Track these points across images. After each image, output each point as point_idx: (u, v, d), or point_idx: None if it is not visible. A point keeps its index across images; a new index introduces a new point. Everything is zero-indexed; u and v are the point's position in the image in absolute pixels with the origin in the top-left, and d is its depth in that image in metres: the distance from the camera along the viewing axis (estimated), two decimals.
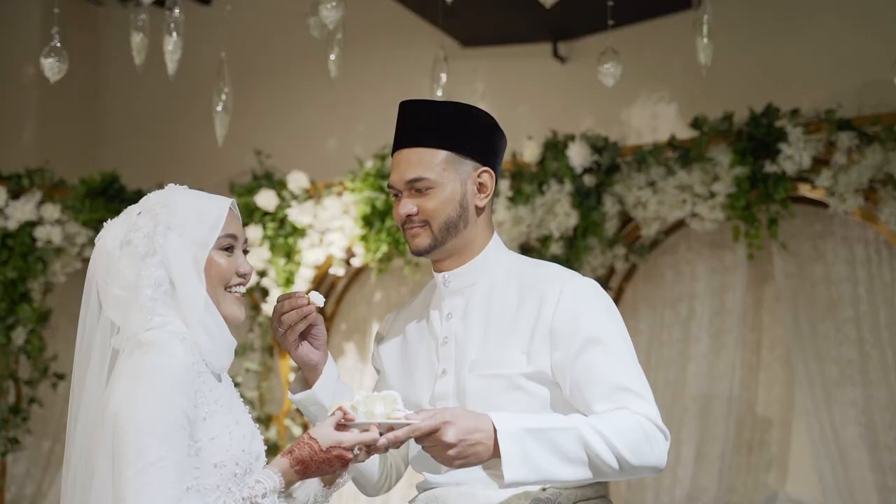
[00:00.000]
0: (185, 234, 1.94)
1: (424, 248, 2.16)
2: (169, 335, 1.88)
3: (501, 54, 5.65)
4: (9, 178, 5.15)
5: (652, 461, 2.03)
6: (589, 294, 2.14)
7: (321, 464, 1.87)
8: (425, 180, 2.13)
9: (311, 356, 2.14)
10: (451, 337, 2.17)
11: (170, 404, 1.80)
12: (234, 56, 6.10)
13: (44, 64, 3.31)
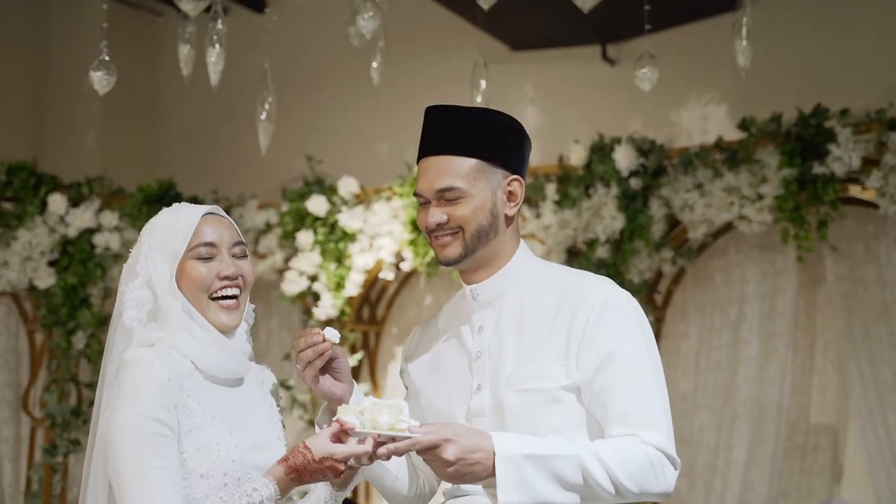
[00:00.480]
0: (163, 251, 2.02)
1: (455, 257, 2.12)
2: (149, 351, 1.96)
3: (550, 57, 5.66)
4: (69, 186, 5.29)
5: (657, 489, 2.01)
6: (620, 307, 2.08)
7: (314, 472, 1.90)
8: (456, 190, 2.09)
9: (334, 390, 2.10)
10: (484, 351, 2.13)
11: (147, 417, 1.88)
12: (287, 63, 6.22)
13: (92, 77, 3.41)
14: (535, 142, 5.96)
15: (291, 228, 5.26)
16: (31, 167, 5.21)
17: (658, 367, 2.09)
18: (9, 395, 5.39)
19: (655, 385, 2.05)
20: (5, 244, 5.10)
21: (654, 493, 2.02)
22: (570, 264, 4.72)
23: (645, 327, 2.11)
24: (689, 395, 4.80)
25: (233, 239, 2.07)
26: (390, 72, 5.85)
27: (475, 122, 2.12)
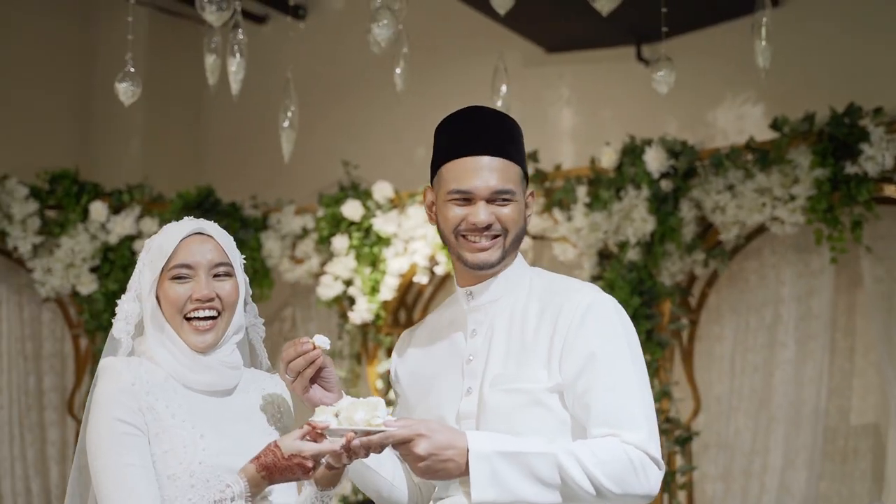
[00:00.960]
0: (152, 268, 2.12)
1: (494, 261, 2.13)
2: (117, 360, 2.08)
3: (586, 59, 5.64)
4: (111, 194, 5.40)
5: (639, 490, 2.01)
6: (604, 312, 2.10)
7: (284, 470, 1.96)
8: (511, 193, 2.13)
9: (324, 399, 2.11)
10: (476, 354, 2.16)
11: (112, 420, 2.00)
12: (324, 68, 6.29)
13: (118, 88, 3.48)
14: (570, 144, 5.97)
15: (327, 233, 5.31)
16: (74, 175, 5.33)
17: (641, 370, 2.10)
18: (55, 398, 5.52)
19: (638, 387, 2.06)
20: (49, 251, 5.22)
21: (637, 495, 2.01)
22: (601, 267, 4.71)
23: (629, 331, 2.13)
24: (725, 399, 4.75)
25: (214, 260, 2.11)
26: (425, 76, 5.90)
27: (516, 132, 2.20)
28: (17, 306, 5.39)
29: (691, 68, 5.28)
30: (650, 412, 2.06)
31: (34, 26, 6.25)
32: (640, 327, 4.53)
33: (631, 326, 2.14)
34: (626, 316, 2.16)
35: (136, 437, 1.99)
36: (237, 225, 5.50)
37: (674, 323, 4.59)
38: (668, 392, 4.54)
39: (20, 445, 5.36)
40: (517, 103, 5.80)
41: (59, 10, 6.40)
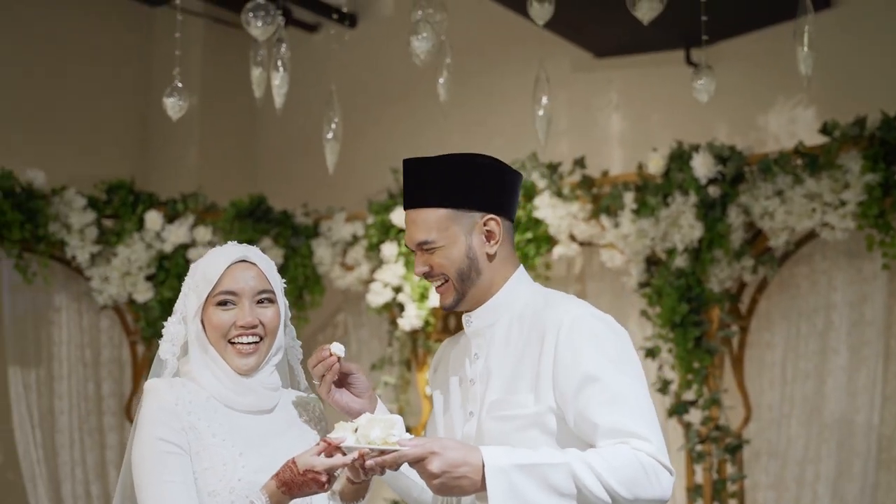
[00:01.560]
0: (197, 293, 2.20)
1: (451, 304, 2.22)
2: (160, 381, 2.15)
3: (635, 63, 5.61)
4: (165, 203, 5.51)
5: (651, 494, 2.02)
6: (591, 328, 2.12)
7: (301, 485, 2.02)
8: (429, 242, 2.18)
9: (352, 405, 2.23)
10: (477, 379, 2.21)
11: (155, 439, 2.07)
12: (374, 76, 6.34)
13: (166, 103, 3.55)
14: (619, 149, 5.95)
15: (376, 240, 5.35)
16: (130, 186, 5.44)
17: (638, 380, 2.11)
18: (113, 404, 5.64)
19: (636, 397, 2.08)
20: (106, 260, 5.34)
21: (650, 499, 2.03)
22: (648, 273, 4.69)
23: (618, 342, 2.13)
24: (776, 406, 4.70)
25: (257, 288, 2.19)
26: (472, 83, 5.93)
27: (442, 171, 2.20)
28: (77, 314, 5.52)
29: (742, 72, 5.23)
30: (652, 419, 2.08)
31: (94, 40, 6.40)
32: (688, 334, 4.50)
33: (622, 338, 2.15)
34: (615, 327, 2.16)
35: (178, 456, 2.07)
36: (289, 233, 5.57)
37: (723, 330, 4.55)
38: (718, 399, 4.50)
39: (80, 450, 5.48)
40: (565, 109, 5.82)
41: (117, 22, 6.54)
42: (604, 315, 2.18)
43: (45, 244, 5.17)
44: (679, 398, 4.57)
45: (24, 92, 6.00)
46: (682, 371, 4.53)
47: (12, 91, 5.95)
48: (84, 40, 6.34)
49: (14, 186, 5.09)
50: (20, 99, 5.97)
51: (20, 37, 6.02)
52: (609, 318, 2.18)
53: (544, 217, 4.89)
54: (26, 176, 5.17)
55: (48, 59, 6.14)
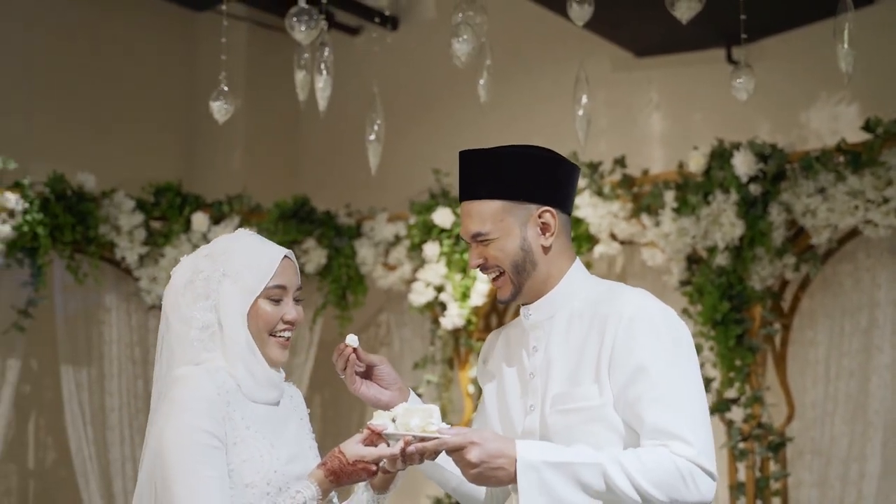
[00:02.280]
0: (238, 282, 2.14)
1: (508, 297, 2.23)
2: (198, 369, 2.10)
3: (675, 62, 5.61)
4: (211, 205, 5.61)
5: (688, 498, 2.03)
6: (650, 320, 2.12)
7: (350, 474, 2.05)
8: (484, 234, 2.19)
9: (380, 397, 2.27)
10: (537, 372, 2.22)
11: (198, 431, 2.03)
12: (417, 77, 6.39)
13: (212, 107, 3.63)
14: (660, 148, 5.95)
15: (418, 240, 5.41)
16: (177, 188, 5.55)
17: (692, 378, 2.12)
18: None
19: (687, 396, 2.07)
20: (154, 261, 5.44)
21: (687, 503, 2.04)
22: (690, 272, 4.69)
23: (677, 338, 2.13)
24: (819, 404, 4.69)
25: (296, 284, 2.22)
26: (513, 83, 5.96)
27: (497, 163, 2.21)
28: (126, 314, 5.63)
29: (784, 69, 5.22)
30: (701, 421, 2.07)
31: (141, 45, 6.51)
32: (729, 332, 4.50)
33: (680, 333, 2.15)
34: (674, 321, 2.16)
35: (219, 451, 2.04)
36: (332, 233, 5.64)
37: (765, 328, 4.54)
38: (760, 397, 4.50)
39: (130, 446, 5.59)
40: (606, 109, 5.84)
41: (164, 27, 6.65)
42: (666, 307, 2.18)
43: (96, 245, 5.28)
44: (721, 396, 4.57)
45: (74, 97, 6.13)
46: (724, 369, 4.53)
47: (62, 97, 6.08)
48: (132, 46, 6.46)
49: (65, 190, 5.20)
50: (70, 104, 6.10)
51: (69, 44, 6.15)
52: (671, 310, 2.18)
53: (585, 216, 4.92)
54: (77, 179, 5.28)
55: (97, 66, 6.27)
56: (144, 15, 6.55)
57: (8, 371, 5.25)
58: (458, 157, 2.26)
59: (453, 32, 3.28)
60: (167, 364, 2.18)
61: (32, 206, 5.06)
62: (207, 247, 2.22)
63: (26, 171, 5.23)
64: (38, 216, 5.05)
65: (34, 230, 5.04)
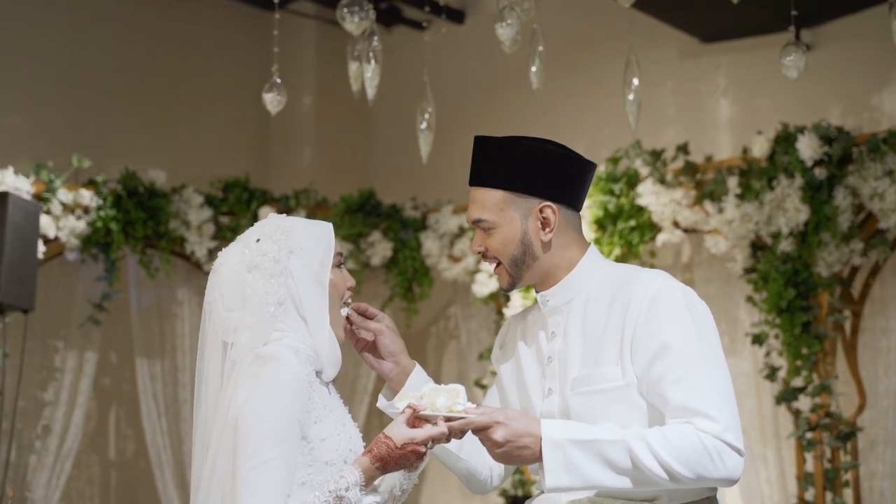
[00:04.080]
0: (305, 256, 2.15)
1: (506, 287, 2.26)
2: (284, 349, 2.10)
3: (743, 47, 5.51)
4: (278, 199, 5.70)
5: (716, 475, 2.02)
6: (672, 300, 2.11)
7: (398, 459, 2.04)
8: (485, 221, 2.20)
9: (375, 367, 2.33)
10: (555, 356, 2.22)
11: (283, 410, 2.02)
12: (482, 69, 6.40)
13: (265, 99, 3.68)
14: (727, 134, 5.86)
15: None
16: (244, 183, 5.65)
17: (715, 356, 2.10)
18: None
19: (711, 374, 2.06)
20: None
21: (714, 479, 2.03)
22: (754, 259, 4.60)
23: (699, 317, 2.12)
24: (892, 393, 4.55)
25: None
26: (579, 73, 5.92)
27: (505, 153, 2.21)
28: (198, 307, 5.74)
29: (855, 51, 5.09)
30: (726, 398, 2.06)
31: (212, 42, 6.65)
32: (795, 320, 4.41)
33: (701, 312, 2.14)
34: (696, 301, 2.15)
35: (297, 434, 2.04)
36: (398, 226, 5.68)
37: (833, 315, 4.43)
38: (828, 386, 4.39)
39: None
40: (672, 96, 5.76)
41: (235, 24, 6.78)
42: (686, 287, 2.18)
43: (167, 241, 5.41)
44: (788, 385, 4.48)
45: (147, 97, 6.29)
46: (791, 357, 4.44)
47: (135, 96, 6.24)
48: (203, 46, 6.60)
49: (137, 186, 5.34)
50: (143, 104, 6.26)
51: (142, 45, 6.32)
52: (691, 290, 2.18)
53: (647, 204, 4.86)
54: (149, 176, 5.42)
55: (169, 65, 6.42)
56: (217, 15, 6.68)
57: (86, 364, 5.41)
58: (473, 142, 2.26)
59: (498, 17, 3.27)
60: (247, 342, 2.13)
61: (106, 202, 5.21)
62: (253, 233, 2.22)
63: (100, 169, 5.39)
64: (111, 212, 5.20)
65: (107, 226, 5.19)
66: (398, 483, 2.21)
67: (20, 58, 5.82)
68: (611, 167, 5.08)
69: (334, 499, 2.02)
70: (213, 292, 2.20)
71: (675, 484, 2.02)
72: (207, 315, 2.22)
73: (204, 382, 2.21)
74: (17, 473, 5.26)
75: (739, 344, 4.87)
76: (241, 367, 2.11)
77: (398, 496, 2.22)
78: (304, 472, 2.05)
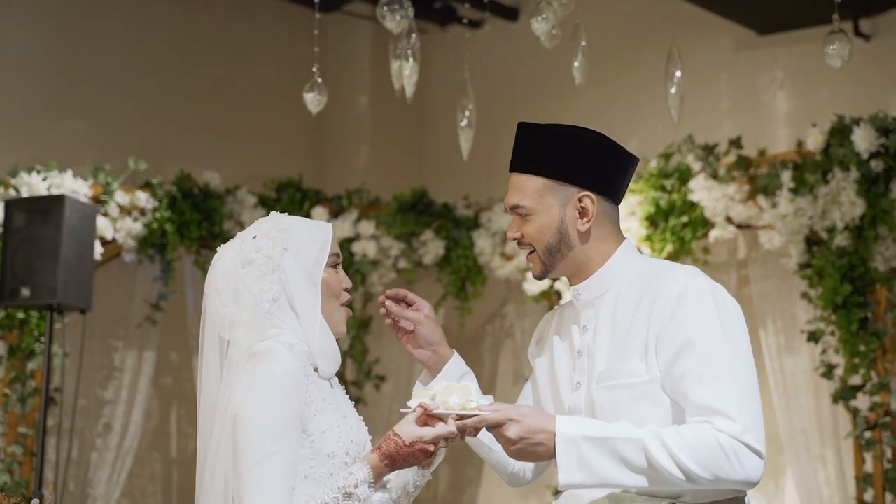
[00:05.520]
0: (300, 254, 2.17)
1: (538, 275, 2.23)
2: (278, 344, 2.11)
3: (800, 38, 5.39)
4: (331, 199, 5.73)
5: (734, 476, 1.98)
6: (700, 296, 2.08)
7: (407, 457, 2.04)
8: (523, 207, 2.19)
9: (413, 353, 2.34)
10: (585, 350, 2.20)
11: (281, 404, 2.04)
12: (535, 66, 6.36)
13: (305, 98, 3.70)
14: (785, 128, 5.74)
15: None
16: (297, 183, 5.69)
17: (741, 356, 2.05)
18: None
19: (735, 373, 2.02)
20: None
21: (733, 481, 1.99)
22: (809, 254, 4.50)
23: (727, 316, 2.08)
24: None
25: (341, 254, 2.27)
26: (632, 68, 5.85)
27: (549, 140, 2.19)
28: None
29: None
30: (749, 400, 2.02)
31: (265, 43, 6.72)
32: (852, 316, 4.29)
33: (731, 311, 2.10)
34: (725, 300, 2.11)
35: (297, 427, 2.05)
36: (450, 225, 5.67)
37: (892, 311, 4.31)
38: (887, 384, 4.27)
39: None
40: (728, 90, 5.66)
41: (289, 26, 6.84)
42: (716, 284, 2.14)
43: (221, 241, 5.44)
44: (845, 383, 4.36)
45: (202, 100, 6.38)
46: (848, 355, 4.32)
47: (190, 98, 6.34)
48: (257, 47, 6.68)
49: (192, 188, 5.42)
50: (197, 105, 6.35)
51: (197, 47, 6.41)
52: (721, 288, 2.15)
53: (699, 200, 4.78)
54: (203, 177, 5.50)
55: (224, 67, 6.51)
56: (271, 16, 6.75)
57: (144, 363, 5.51)
58: (516, 128, 2.25)
59: (534, 11, 3.24)
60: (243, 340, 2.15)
61: (161, 204, 5.30)
62: (251, 230, 2.24)
63: (156, 171, 5.48)
64: (167, 213, 5.28)
65: (163, 227, 5.28)
66: (411, 480, 2.20)
67: (79, 65, 5.96)
68: (662, 163, 5.00)
69: (343, 495, 2.02)
70: (210, 286, 2.22)
71: (692, 484, 1.99)
72: (205, 310, 2.24)
73: (204, 378, 2.23)
74: (79, 470, 5.38)
75: (797, 342, 4.77)
76: (237, 365, 2.13)
77: (411, 492, 2.21)
78: (307, 466, 2.07)
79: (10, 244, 4.68)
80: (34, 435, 4.85)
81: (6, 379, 4.96)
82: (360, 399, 5.60)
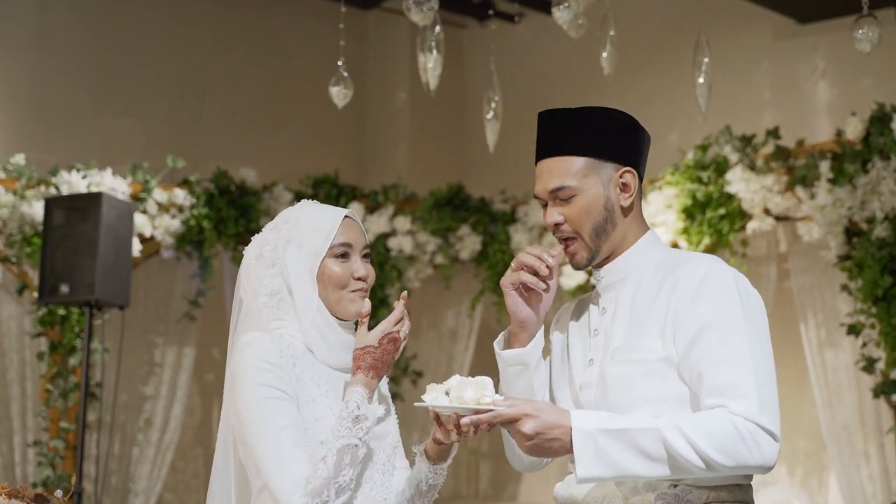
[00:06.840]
0: (303, 246, 2.16)
1: (584, 263, 2.18)
2: (261, 335, 2.12)
3: (842, 26, 5.27)
4: (367, 195, 5.74)
5: (751, 461, 1.96)
6: (722, 282, 2.07)
7: (383, 357, 2.09)
8: (567, 188, 2.15)
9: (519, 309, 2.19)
10: (602, 329, 2.19)
11: (262, 385, 2.07)
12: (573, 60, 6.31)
13: (331, 92, 3.71)
14: (826, 118, 5.64)
15: None
16: (334, 179, 5.71)
17: (760, 343, 2.03)
18: None
19: (752, 357, 2.00)
20: None
21: (750, 466, 1.97)
22: (849, 245, 4.41)
23: (749, 303, 2.07)
24: None
25: (363, 243, 2.22)
26: (670, 61, 5.77)
27: (583, 121, 2.19)
28: None
29: None
30: (765, 383, 2.00)
31: (303, 40, 6.75)
32: (893, 308, 4.20)
33: (750, 298, 2.09)
34: (748, 288, 2.10)
35: (287, 401, 2.07)
36: (486, 219, 5.65)
37: None
38: None
39: None
40: (768, 79, 5.57)
41: (326, 22, 6.86)
42: (739, 273, 2.14)
43: None
44: (886, 377, 4.26)
45: (241, 97, 6.43)
46: (889, 348, 4.23)
47: (228, 96, 6.39)
48: (295, 43, 6.71)
49: (229, 185, 5.46)
50: (235, 103, 6.40)
51: (235, 46, 6.46)
52: (744, 277, 2.14)
53: (737, 191, 4.71)
54: (240, 174, 5.53)
55: (262, 66, 6.55)
56: (311, 13, 6.78)
57: (184, 359, 5.56)
58: (539, 117, 2.23)
59: (555, 1, 3.21)
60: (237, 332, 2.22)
61: (199, 201, 5.34)
62: (273, 221, 2.26)
63: (194, 169, 5.53)
64: (204, 210, 5.32)
65: (200, 224, 5.32)
66: (424, 478, 2.18)
67: (119, 65, 6.03)
68: (699, 154, 4.93)
69: (353, 421, 2.05)
70: (237, 279, 2.26)
71: (711, 472, 1.97)
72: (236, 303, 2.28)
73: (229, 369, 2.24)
74: (120, 465, 5.44)
75: (838, 335, 4.67)
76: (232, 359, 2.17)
77: (424, 491, 2.18)
78: None
79: (50, 242, 4.75)
80: (76, 430, 4.92)
81: (48, 374, 5.04)
82: (398, 395, 5.59)
